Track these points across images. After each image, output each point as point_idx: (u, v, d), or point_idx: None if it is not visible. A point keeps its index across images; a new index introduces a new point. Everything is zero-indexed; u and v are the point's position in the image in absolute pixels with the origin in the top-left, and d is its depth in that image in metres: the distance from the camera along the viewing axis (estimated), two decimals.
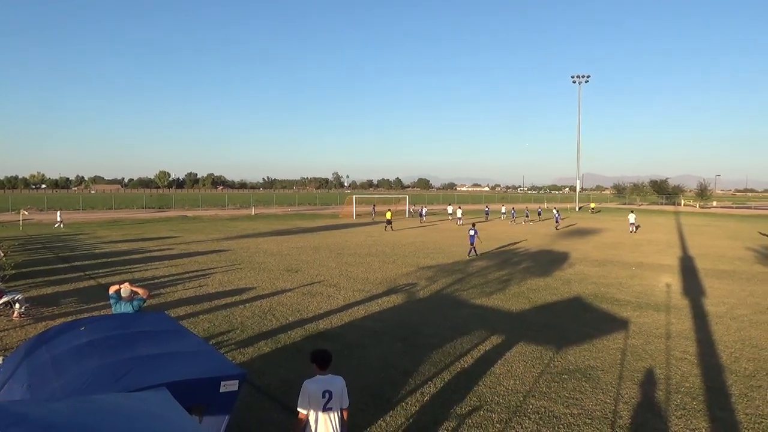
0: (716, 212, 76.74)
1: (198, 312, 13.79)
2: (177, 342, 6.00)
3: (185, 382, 4.79)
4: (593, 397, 8.47)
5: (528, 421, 7.57)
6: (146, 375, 4.80)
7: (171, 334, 6.34)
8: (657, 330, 12.42)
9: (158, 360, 5.31)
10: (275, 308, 14.24)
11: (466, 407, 8.00)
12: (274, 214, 60.95)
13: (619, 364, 9.99)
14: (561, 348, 10.88)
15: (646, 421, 7.62)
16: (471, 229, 25.52)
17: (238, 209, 71.71)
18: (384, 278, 18.83)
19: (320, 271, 20.25)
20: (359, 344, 11.12)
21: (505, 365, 9.87)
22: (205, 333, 11.78)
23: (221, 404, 5.12)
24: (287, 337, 11.61)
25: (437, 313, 13.78)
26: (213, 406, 5.13)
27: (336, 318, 13.28)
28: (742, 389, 8.83)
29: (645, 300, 15.63)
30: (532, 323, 12.93)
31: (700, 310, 14.52)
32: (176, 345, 5.88)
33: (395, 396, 8.39)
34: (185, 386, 4.75)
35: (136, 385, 4.54)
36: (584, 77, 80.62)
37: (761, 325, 12.92)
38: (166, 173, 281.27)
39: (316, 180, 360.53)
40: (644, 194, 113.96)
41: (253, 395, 8.34)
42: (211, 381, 4.96)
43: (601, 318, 13.61)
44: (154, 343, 5.86)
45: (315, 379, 5.41)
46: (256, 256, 24.57)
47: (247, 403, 7.94)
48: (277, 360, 10.11)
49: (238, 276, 19.09)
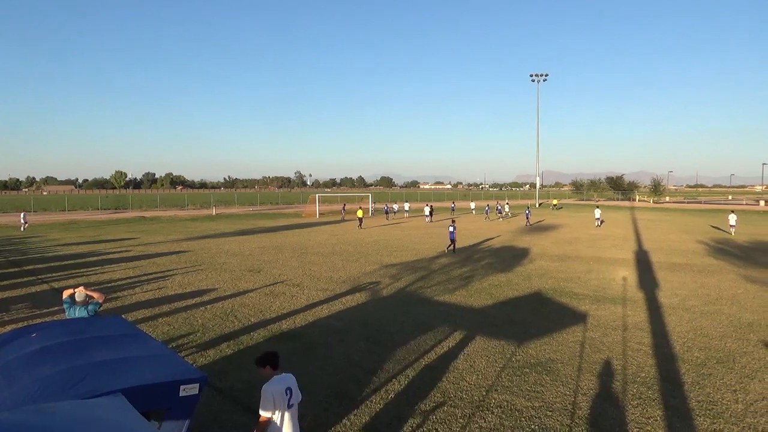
0: (669, 207, 79.41)
1: (157, 315, 13.48)
2: (134, 346, 5.85)
3: (143, 388, 4.68)
4: (553, 389, 8.65)
5: (491, 416, 7.68)
6: (102, 381, 4.66)
7: (128, 338, 6.18)
8: (614, 322, 12.78)
9: (114, 365, 5.16)
10: (237, 309, 14.04)
11: (430, 403, 8.06)
12: (235, 214, 60.06)
13: (578, 357, 10.23)
14: (522, 342, 11.08)
15: (604, 411, 7.83)
16: (450, 226, 26.20)
17: (199, 209, 70.39)
18: (347, 277, 18.79)
19: (283, 271, 20.06)
20: (323, 343, 11.07)
21: (468, 361, 9.99)
22: (164, 336, 11.52)
23: (181, 408, 5.01)
24: (250, 338, 11.47)
25: (401, 311, 13.83)
26: (173, 411, 5.03)
27: (299, 318, 13.18)
28: (694, 377, 9.17)
29: (602, 293, 16.05)
30: (495, 318, 13.11)
31: (655, 302, 15.00)
32: (133, 349, 5.73)
33: (359, 394, 8.39)
34: (143, 391, 4.65)
35: (91, 391, 4.41)
36: (542, 76, 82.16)
37: (711, 316, 13.43)
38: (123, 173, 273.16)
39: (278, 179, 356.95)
40: (601, 190, 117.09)
41: (214, 398, 8.21)
42: (170, 385, 4.86)
43: (560, 312, 13.91)
44: (111, 348, 5.70)
45: (274, 380, 5.35)
46: (218, 256, 24.18)
47: (209, 407, 7.81)
48: (239, 362, 9.96)
49: (198, 277, 18.74)
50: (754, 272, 19.87)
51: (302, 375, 9.24)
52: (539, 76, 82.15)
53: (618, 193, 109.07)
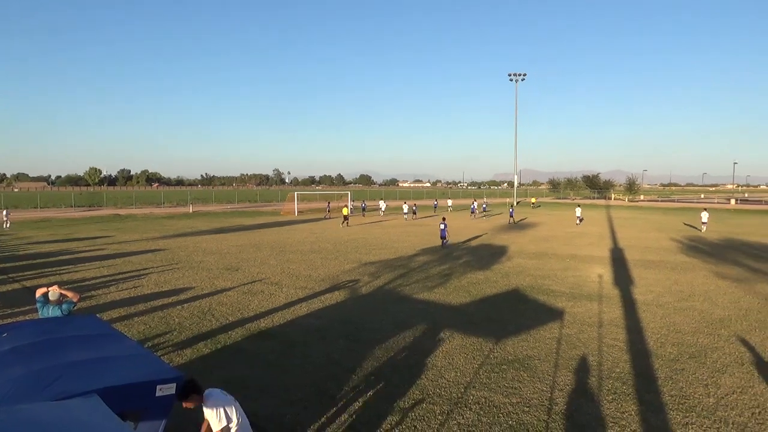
0: (643, 205, 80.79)
1: (132, 314, 13.28)
2: (109, 346, 5.76)
3: (118, 388, 4.60)
4: (531, 385, 8.75)
5: (469, 412, 7.74)
6: (76, 382, 4.57)
7: (103, 338, 6.08)
8: (590, 319, 12.96)
9: (89, 365, 5.07)
10: (215, 308, 13.91)
11: (409, 401, 8.09)
12: (213, 212, 59.44)
13: (555, 353, 10.36)
14: (500, 339, 11.18)
15: (580, 406, 7.94)
16: (441, 223, 27.09)
17: (175, 207, 69.54)
18: (326, 275, 18.74)
19: (261, 269, 19.93)
20: (302, 342, 11.03)
21: (447, 358, 10.04)
22: (140, 336, 11.37)
23: (157, 409, 4.95)
24: (227, 337, 11.37)
25: (380, 309, 13.85)
26: (149, 411, 4.96)
27: (278, 316, 13.11)
28: (667, 372, 9.35)
29: (578, 291, 16.27)
30: (473, 316, 13.21)
31: (629, 298, 15.26)
32: (109, 349, 5.64)
33: (339, 392, 8.38)
34: (118, 392, 4.57)
35: (64, 392, 4.32)
36: (521, 75, 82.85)
37: (684, 312, 13.71)
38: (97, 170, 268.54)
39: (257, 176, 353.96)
40: (577, 189, 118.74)
41: None
42: (146, 385, 4.79)
43: (537, 309, 14.06)
44: (85, 347, 5.60)
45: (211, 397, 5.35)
46: (195, 255, 23.92)
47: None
48: (216, 361, 9.88)
49: (175, 276, 18.51)
50: (725, 269, 20.34)
51: (281, 373, 9.22)
52: (517, 75, 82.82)
53: (594, 192, 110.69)
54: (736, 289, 16.59)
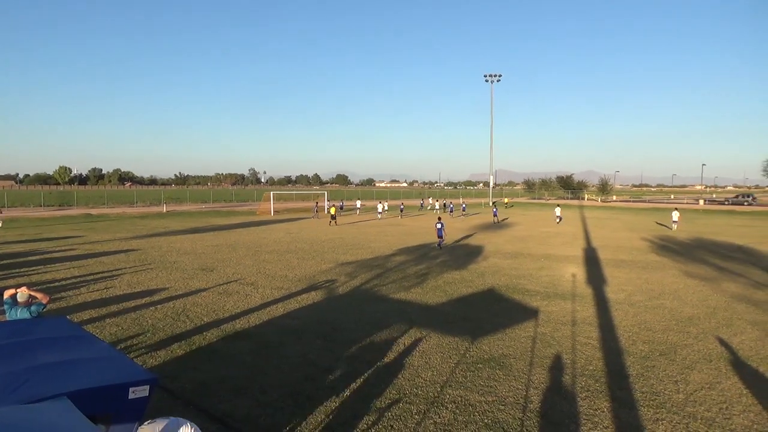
0: (616, 206, 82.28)
1: (104, 315, 13.04)
2: (80, 348, 5.64)
3: (89, 391, 4.52)
4: (506, 383, 8.84)
5: (445, 411, 7.78)
6: (46, 385, 4.48)
7: (74, 340, 5.95)
8: (564, 318, 13.15)
9: (59, 368, 4.97)
10: (189, 309, 13.74)
11: (385, 400, 8.11)
12: (187, 212, 58.67)
13: (530, 352, 10.49)
14: (476, 338, 11.27)
15: (555, 404, 8.06)
16: (438, 223, 27.53)
17: (148, 207, 68.46)
18: (303, 275, 18.66)
19: (237, 270, 19.75)
20: (278, 342, 10.96)
21: (424, 357, 10.09)
22: (112, 338, 11.17)
23: (130, 411, 4.87)
24: (202, 338, 11.24)
25: (357, 309, 13.84)
26: (121, 414, 4.87)
27: (254, 317, 13.01)
28: (638, 369, 9.54)
29: (553, 290, 16.49)
30: (449, 315, 13.29)
31: (602, 297, 15.52)
32: (79, 351, 5.52)
33: (315, 393, 8.35)
34: (90, 394, 4.49)
35: (34, 396, 4.23)
36: (496, 76, 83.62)
37: (655, 310, 14.00)
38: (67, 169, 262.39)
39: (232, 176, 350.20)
40: (552, 189, 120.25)
41: (165, 400, 8.00)
42: (119, 388, 4.71)
43: (513, 308, 14.21)
44: (55, 350, 5.48)
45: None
46: (169, 255, 23.58)
47: (160, 409, 7.59)
48: (191, 362, 9.76)
49: (148, 276, 18.23)
50: (694, 268, 20.83)
51: (257, 374, 9.16)
52: (493, 76, 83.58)
53: (568, 192, 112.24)
54: (704, 287, 17.00)
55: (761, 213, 63.17)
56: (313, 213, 52.43)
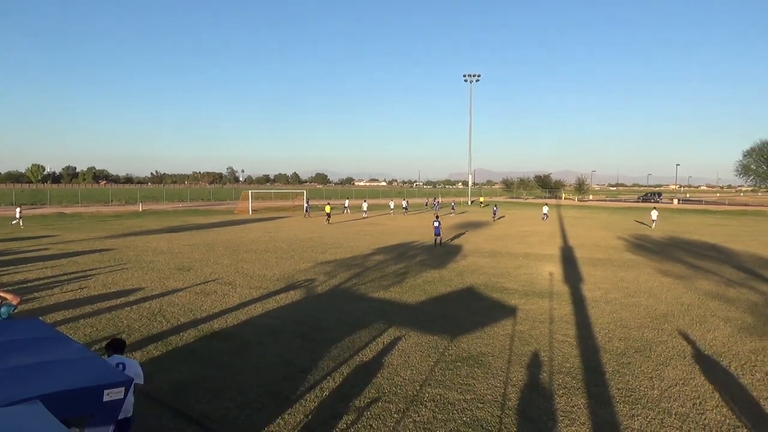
0: (592, 205, 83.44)
1: (78, 316, 12.78)
2: (53, 350, 5.51)
3: (63, 393, 4.41)
4: (485, 381, 8.88)
5: (424, 409, 7.79)
6: (17, 387, 4.36)
7: (46, 341, 5.81)
8: (541, 315, 13.27)
9: (31, 370, 4.84)
10: (165, 309, 13.55)
11: (364, 400, 8.09)
12: (163, 211, 57.88)
13: (508, 350, 10.56)
14: (455, 337, 11.30)
15: (533, 401, 8.12)
16: (435, 221, 27.99)
17: (124, 205, 67.40)
18: (281, 274, 18.53)
19: (214, 269, 19.54)
20: (256, 342, 10.87)
21: (403, 356, 10.09)
22: (86, 339, 10.97)
23: (105, 414, 4.77)
24: (179, 338, 11.09)
25: (336, 308, 13.79)
26: (96, 417, 4.77)
27: (231, 317, 12.88)
28: (614, 366, 9.67)
29: (531, 288, 16.64)
30: (428, 314, 13.31)
31: (579, 295, 15.71)
32: (52, 353, 5.39)
33: (294, 393, 8.29)
34: (63, 397, 4.38)
35: (5, 399, 4.11)
36: (475, 76, 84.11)
37: (630, 307, 14.21)
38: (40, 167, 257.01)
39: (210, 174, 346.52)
40: (530, 188, 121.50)
41: (141, 402, 7.86)
42: (93, 390, 4.60)
43: (491, 306, 14.30)
44: (26, 352, 5.34)
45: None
46: (145, 254, 23.23)
47: (135, 412, 7.48)
48: (167, 363, 9.62)
49: (124, 276, 17.93)
50: (668, 266, 21.21)
51: (235, 374, 9.06)
52: (472, 76, 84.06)
53: (545, 192, 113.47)
54: (678, 285, 17.32)
55: (734, 212, 64.70)
56: (305, 213, 52.01)
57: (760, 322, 12.83)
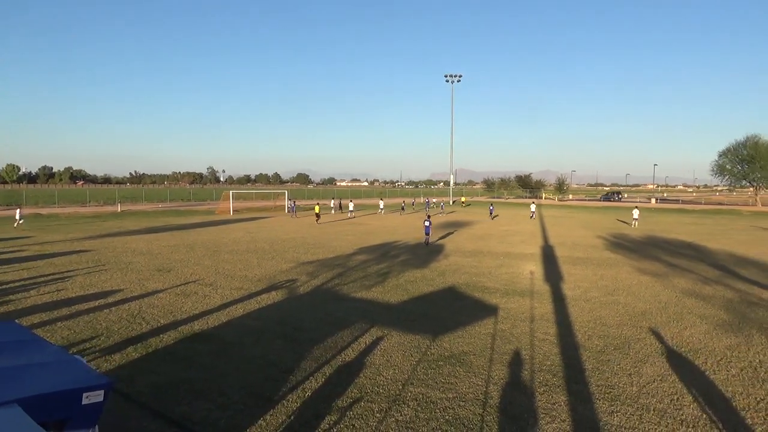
0: (572, 204, 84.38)
1: (56, 319, 12.58)
2: (30, 353, 5.43)
3: (41, 396, 4.35)
4: (467, 380, 8.94)
5: (407, 408, 7.82)
6: None
7: (23, 344, 5.72)
8: (522, 314, 13.39)
9: (8, 374, 4.76)
10: (145, 311, 13.39)
11: (347, 400, 8.09)
12: (143, 211, 57.20)
13: (490, 348, 10.63)
14: (437, 336, 11.35)
15: (514, 399, 8.19)
16: (426, 221, 28.49)
17: (102, 206, 66.45)
18: (263, 275, 18.43)
19: (195, 270, 19.36)
20: (238, 343, 10.80)
21: (385, 356, 10.11)
22: (64, 341, 10.79)
23: (84, 417, 4.71)
24: (159, 340, 10.97)
25: (318, 308, 13.76)
26: (75, 420, 4.71)
27: (213, 318, 12.78)
28: (594, 364, 9.80)
29: (512, 287, 16.77)
30: (411, 314, 13.35)
31: (559, 294, 15.88)
32: (30, 356, 5.31)
33: (276, 394, 8.26)
34: (41, 401, 4.32)
35: None
36: (456, 77, 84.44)
37: (609, 306, 14.41)
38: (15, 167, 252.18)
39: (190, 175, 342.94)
40: (511, 188, 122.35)
41: (121, 405, 7.79)
42: (72, 393, 4.55)
43: (473, 305, 14.39)
44: (3, 355, 5.25)
45: None
46: (123, 255, 22.93)
47: (115, 414, 7.40)
48: (147, 365, 9.52)
49: (102, 278, 17.68)
50: (646, 265, 21.53)
51: (216, 376, 9.00)
52: (453, 77, 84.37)
53: (526, 191, 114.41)
54: (655, 283, 17.59)
55: (709, 211, 65.91)
56: (292, 213, 51.84)
57: (735, 319, 13.10)
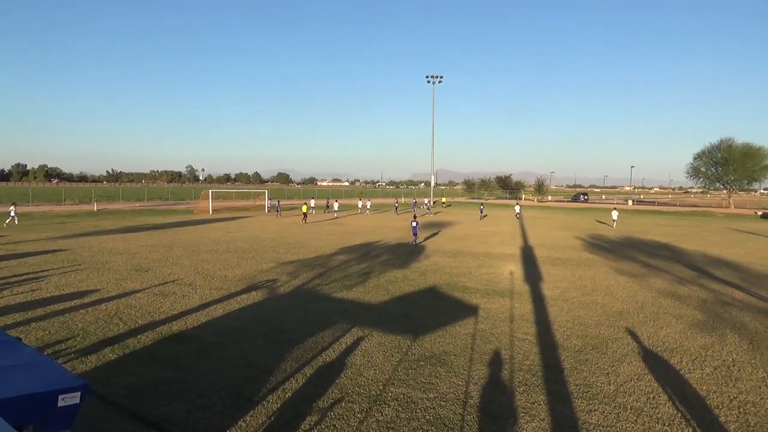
0: (551, 205, 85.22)
1: (30, 319, 12.32)
2: (4, 354, 5.30)
3: (15, 399, 4.26)
4: (447, 380, 8.97)
5: (388, 409, 7.82)
6: None
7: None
8: (502, 314, 13.49)
9: None
10: (122, 311, 13.20)
11: (327, 400, 8.06)
12: (120, 210, 56.35)
13: (470, 348, 10.69)
14: (418, 336, 11.38)
15: (494, 398, 8.25)
16: (413, 221, 28.56)
17: (78, 205, 65.25)
18: (243, 275, 18.29)
19: (174, 270, 19.13)
20: (217, 344, 10.70)
21: (366, 356, 10.10)
22: (38, 343, 10.57)
23: (60, 420, 4.62)
24: (136, 341, 10.82)
25: (298, 308, 13.69)
26: (51, 423, 4.62)
27: (192, 318, 12.64)
28: (572, 363, 9.91)
29: (492, 287, 16.88)
30: (392, 314, 13.36)
31: (538, 294, 16.03)
32: (3, 358, 5.19)
33: (256, 395, 8.21)
34: (15, 403, 4.23)
35: None
36: (438, 78, 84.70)
37: (588, 306, 14.59)
38: None
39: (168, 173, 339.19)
40: (491, 189, 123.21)
41: (97, 407, 7.66)
42: (47, 395, 4.46)
43: (453, 306, 14.45)
44: None
45: None
46: (100, 255, 22.56)
47: (91, 416, 7.28)
48: (124, 367, 9.37)
49: (78, 278, 17.37)
50: (623, 265, 21.85)
51: (195, 377, 8.90)
52: (435, 77, 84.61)
53: (506, 192, 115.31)
54: (632, 283, 17.86)
55: (684, 213, 67.14)
56: (276, 212, 51.52)
57: (710, 318, 13.37)
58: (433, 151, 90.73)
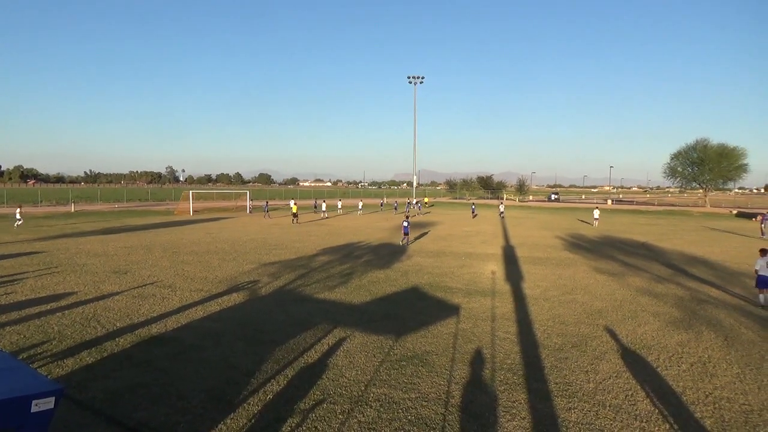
0: (532, 205, 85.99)
1: (4, 323, 12.06)
2: None
3: None
4: (429, 380, 8.99)
5: (369, 409, 7.81)
6: None
7: None
8: (484, 314, 13.56)
9: None
10: (100, 314, 13.00)
11: (309, 402, 8.03)
12: (98, 211, 55.54)
13: (452, 348, 10.73)
14: (400, 336, 11.39)
15: (475, 397, 8.29)
16: (405, 221, 28.74)
17: (54, 206, 64.19)
18: (224, 276, 18.13)
19: (153, 272, 18.89)
20: (198, 346, 10.59)
21: (348, 357, 10.08)
22: (12, 347, 10.36)
23: (34, 426, 4.53)
24: (115, 344, 10.66)
25: (280, 310, 13.62)
26: (24, 429, 4.53)
27: (171, 320, 12.49)
28: (553, 362, 10.00)
29: (473, 287, 16.96)
30: (374, 314, 13.35)
31: (519, 293, 16.14)
32: None
33: (237, 397, 8.14)
34: None
35: None
36: (419, 78, 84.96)
37: (568, 304, 14.73)
38: None
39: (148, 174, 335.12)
40: (473, 189, 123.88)
41: (73, 412, 7.53)
42: (20, 401, 4.37)
43: (435, 305, 14.49)
44: None
45: None
46: (77, 257, 22.19)
47: (67, 422, 7.16)
48: (102, 370, 9.23)
49: (54, 280, 17.07)
50: (602, 264, 22.12)
51: (175, 380, 8.80)
52: (416, 78, 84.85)
53: (488, 192, 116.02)
54: (611, 282, 18.08)
55: (662, 212, 68.19)
56: (264, 213, 51.07)
57: (686, 316, 13.59)
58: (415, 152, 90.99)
